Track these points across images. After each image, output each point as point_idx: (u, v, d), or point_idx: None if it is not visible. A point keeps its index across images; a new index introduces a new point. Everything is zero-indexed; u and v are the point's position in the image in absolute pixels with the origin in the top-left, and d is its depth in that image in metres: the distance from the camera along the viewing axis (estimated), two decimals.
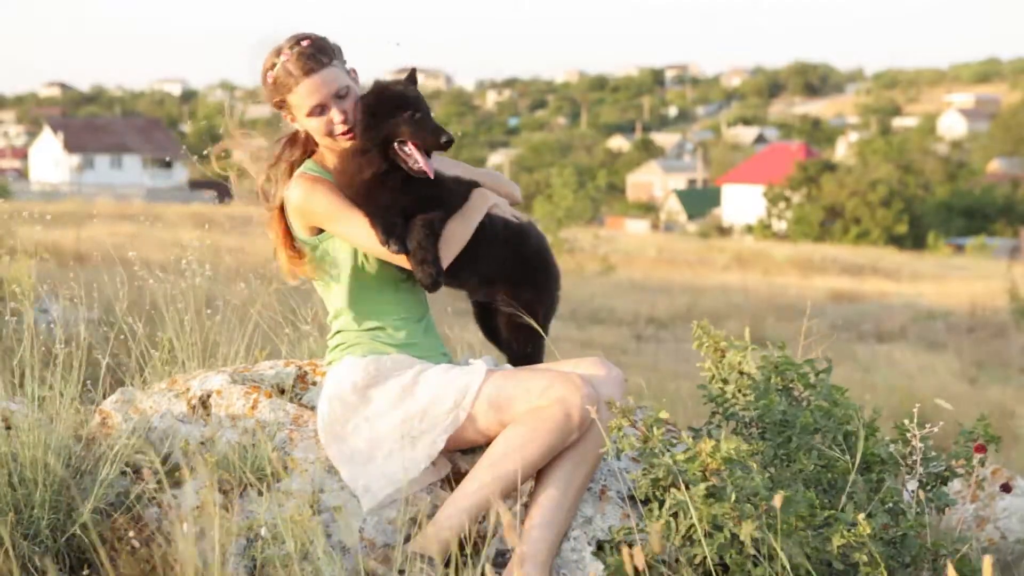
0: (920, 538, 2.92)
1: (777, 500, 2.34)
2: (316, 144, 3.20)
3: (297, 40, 3.05)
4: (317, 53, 3.04)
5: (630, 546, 2.88)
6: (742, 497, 2.71)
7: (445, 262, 3.02)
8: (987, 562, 2.04)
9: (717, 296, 21.06)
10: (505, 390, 2.97)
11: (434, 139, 2.99)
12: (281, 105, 3.11)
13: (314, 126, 3.07)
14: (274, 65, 3.05)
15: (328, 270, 3.14)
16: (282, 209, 3.16)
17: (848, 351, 14.83)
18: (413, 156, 2.99)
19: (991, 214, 52.65)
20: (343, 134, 3.05)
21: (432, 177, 3.01)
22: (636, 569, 2.76)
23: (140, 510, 2.99)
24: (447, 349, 3.32)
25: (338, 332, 3.18)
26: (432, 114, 3.04)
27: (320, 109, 3.04)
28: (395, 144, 3.00)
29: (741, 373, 3.27)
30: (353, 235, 3.05)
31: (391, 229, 2.95)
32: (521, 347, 3.22)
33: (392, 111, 2.99)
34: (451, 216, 3.07)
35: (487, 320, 3.37)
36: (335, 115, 3.04)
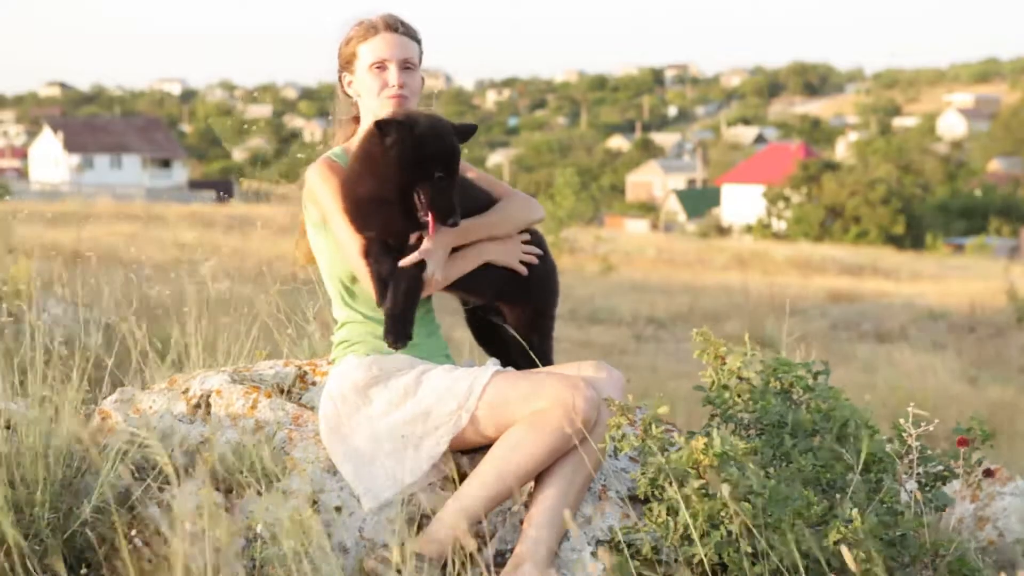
0: (919, 537, 2.92)
1: (725, 489, 2.33)
2: (353, 132, 3.29)
3: (394, 16, 3.25)
4: (406, 27, 3.23)
5: (630, 546, 2.89)
6: (736, 494, 2.72)
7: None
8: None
9: (717, 296, 21.05)
10: (508, 392, 2.97)
11: (442, 217, 2.97)
12: (350, 60, 3.22)
13: (368, 81, 3.17)
14: (362, 22, 3.22)
15: (333, 262, 3.16)
16: None
17: (848, 351, 14.83)
18: (426, 210, 2.99)
19: (991, 214, 52.68)
20: (392, 96, 3.15)
21: (430, 236, 3.00)
22: (636, 569, 2.76)
23: (140, 510, 2.99)
24: (450, 351, 3.33)
25: (344, 325, 3.18)
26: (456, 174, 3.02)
27: (383, 65, 3.16)
28: (416, 192, 2.99)
29: (740, 378, 3.27)
30: (342, 243, 3.08)
31: (385, 290, 2.99)
32: (532, 350, 3.21)
33: (427, 163, 2.97)
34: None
35: (481, 325, 3.37)
36: (392, 75, 3.16)
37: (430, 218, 2.97)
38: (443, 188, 2.97)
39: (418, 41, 3.24)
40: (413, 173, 2.96)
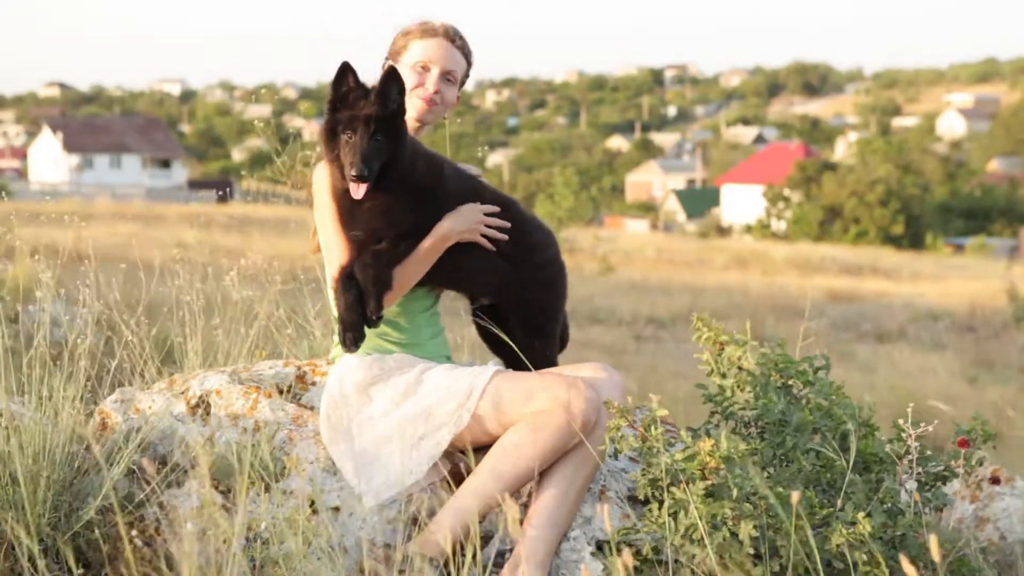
0: (919, 537, 2.92)
1: (795, 497, 2.30)
2: None
3: (456, 29, 3.31)
4: (463, 42, 3.29)
5: (629, 546, 2.89)
6: (741, 496, 2.72)
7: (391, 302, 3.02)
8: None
9: (717, 296, 21.03)
10: (508, 392, 2.97)
11: (346, 174, 2.95)
12: (399, 52, 3.28)
13: (407, 77, 3.20)
14: (424, 23, 3.29)
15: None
16: None
17: (848, 351, 14.83)
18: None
19: (990, 214, 52.70)
20: (423, 97, 3.21)
21: (356, 198, 2.96)
22: (636, 569, 2.76)
23: (141, 510, 2.99)
24: (451, 352, 3.32)
25: None
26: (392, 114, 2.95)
27: (427, 67, 3.23)
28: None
29: (740, 369, 3.26)
30: (328, 248, 3.08)
31: (343, 327, 2.96)
32: (535, 351, 3.20)
33: (343, 126, 2.95)
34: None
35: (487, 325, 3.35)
36: (431, 80, 3.24)
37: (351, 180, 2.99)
38: (351, 145, 2.98)
39: (468, 62, 3.31)
40: (334, 148, 3.00)
